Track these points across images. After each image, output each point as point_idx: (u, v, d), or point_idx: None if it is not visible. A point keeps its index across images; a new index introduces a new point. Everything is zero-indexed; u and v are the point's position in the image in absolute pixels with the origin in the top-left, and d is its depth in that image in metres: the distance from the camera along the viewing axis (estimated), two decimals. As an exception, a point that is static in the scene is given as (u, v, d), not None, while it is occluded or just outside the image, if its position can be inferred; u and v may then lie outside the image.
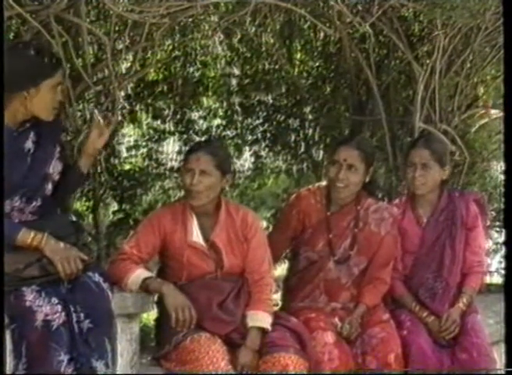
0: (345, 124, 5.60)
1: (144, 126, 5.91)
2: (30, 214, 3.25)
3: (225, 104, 6.01)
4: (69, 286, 3.10)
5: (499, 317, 4.25)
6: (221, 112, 6.04)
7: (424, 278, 4.08)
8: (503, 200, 4.51)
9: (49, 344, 2.97)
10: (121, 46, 4.03)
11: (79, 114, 4.12)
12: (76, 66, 3.68)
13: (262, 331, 3.56)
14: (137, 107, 5.63)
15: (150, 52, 4.48)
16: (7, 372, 2.98)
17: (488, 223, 4.66)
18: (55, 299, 3.03)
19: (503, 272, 5.22)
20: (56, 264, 3.07)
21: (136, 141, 5.92)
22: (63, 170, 3.36)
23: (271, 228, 4.63)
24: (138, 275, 3.45)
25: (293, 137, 5.96)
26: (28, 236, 3.10)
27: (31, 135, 3.27)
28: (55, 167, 3.33)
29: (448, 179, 4.25)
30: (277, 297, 4.07)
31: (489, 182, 5.91)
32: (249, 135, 6.03)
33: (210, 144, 3.97)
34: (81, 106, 4.37)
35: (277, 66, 5.69)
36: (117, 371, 3.19)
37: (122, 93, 4.60)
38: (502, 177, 5.64)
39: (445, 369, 3.88)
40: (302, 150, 5.95)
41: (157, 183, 5.85)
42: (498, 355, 4.04)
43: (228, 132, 6.03)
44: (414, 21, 4.86)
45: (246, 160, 6.21)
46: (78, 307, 3.06)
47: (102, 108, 4.03)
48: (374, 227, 3.98)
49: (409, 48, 4.80)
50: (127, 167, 5.66)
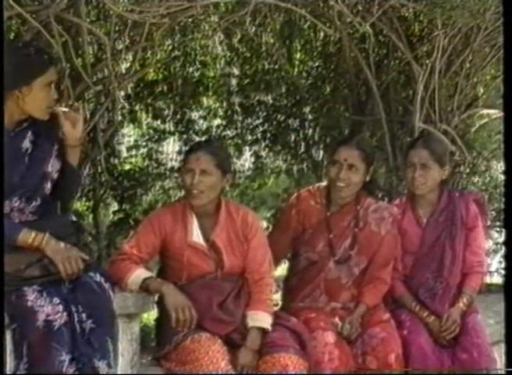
0: (345, 124, 5.60)
1: (144, 126, 5.90)
2: (30, 214, 3.24)
3: (225, 104, 6.00)
4: (71, 286, 3.09)
5: (499, 317, 4.24)
6: (221, 112, 6.03)
7: (424, 278, 4.08)
8: (503, 200, 4.50)
9: (50, 344, 2.96)
10: (121, 46, 4.03)
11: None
12: (76, 66, 3.68)
13: (262, 331, 3.56)
14: (137, 107, 5.62)
15: (150, 52, 4.48)
16: (8, 372, 2.98)
17: (488, 223, 4.65)
18: (57, 299, 3.02)
19: (503, 272, 5.22)
20: (57, 264, 3.07)
21: (136, 141, 5.92)
22: (61, 168, 3.33)
23: (271, 228, 4.62)
24: (138, 275, 3.45)
25: (293, 137, 5.96)
26: (29, 236, 3.09)
27: (29, 135, 3.25)
28: (54, 165, 3.31)
29: (448, 179, 4.25)
30: (277, 297, 4.06)
31: (489, 182, 5.92)
32: (249, 135, 6.03)
33: (210, 143, 3.98)
34: (81, 106, 4.36)
35: (277, 66, 5.69)
36: (117, 371, 3.19)
37: (122, 93, 4.60)
38: (502, 177, 5.65)
39: (445, 369, 3.88)
40: (302, 150, 5.94)
41: (157, 183, 5.84)
42: (498, 355, 4.04)
43: (228, 132, 6.02)
44: (414, 21, 4.87)
45: (246, 160, 6.20)
46: (80, 307, 3.06)
47: (102, 108, 4.05)
48: (374, 227, 3.98)
49: (409, 48, 4.81)
50: (127, 167, 5.65)
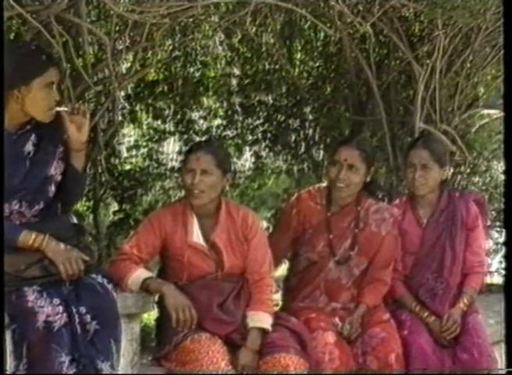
0: (345, 124, 5.60)
1: (144, 126, 5.89)
2: (33, 217, 3.22)
3: (225, 104, 5.99)
4: (71, 287, 3.09)
5: (499, 317, 4.24)
6: (221, 112, 6.02)
7: (424, 278, 4.08)
8: (504, 200, 4.50)
9: (50, 345, 2.96)
10: (121, 46, 4.02)
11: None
12: (77, 66, 3.67)
13: (263, 332, 3.56)
14: (137, 107, 5.61)
15: (150, 52, 4.47)
16: (7, 372, 2.98)
17: (488, 223, 4.66)
18: (57, 300, 3.01)
19: (504, 272, 5.22)
20: (58, 265, 3.06)
21: (136, 141, 5.90)
22: (65, 171, 3.32)
23: (271, 228, 4.62)
24: (138, 275, 3.45)
25: (294, 137, 5.95)
26: (29, 237, 3.09)
27: (32, 138, 3.23)
28: (57, 168, 3.29)
29: (448, 179, 4.25)
30: (277, 297, 4.06)
31: (490, 182, 5.93)
32: (249, 135, 6.02)
33: (210, 143, 4.01)
34: (86, 107, 4.36)
35: (277, 66, 5.68)
36: (118, 371, 3.18)
37: (122, 93, 4.60)
38: (502, 177, 5.64)
39: (446, 369, 3.89)
40: (302, 150, 5.94)
41: (157, 183, 5.83)
42: (498, 355, 4.04)
43: (228, 132, 6.01)
44: (415, 21, 4.86)
45: (246, 160, 6.20)
46: (83, 308, 3.05)
47: (102, 108, 4.04)
48: (374, 228, 3.97)
49: (409, 48, 4.80)
50: (127, 167, 5.64)
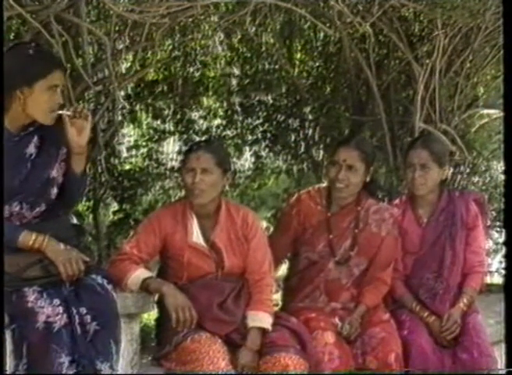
0: (345, 124, 5.60)
1: (144, 126, 5.89)
2: (34, 219, 3.21)
3: (225, 104, 5.99)
4: (71, 288, 3.09)
5: (499, 317, 4.24)
6: (221, 112, 6.02)
7: (424, 278, 4.08)
8: (503, 200, 4.51)
9: (50, 345, 2.96)
10: (121, 46, 4.03)
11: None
12: (76, 66, 3.67)
13: (262, 331, 3.56)
14: (137, 107, 5.61)
15: (150, 52, 4.48)
16: (7, 372, 2.98)
17: (488, 223, 4.66)
18: (57, 301, 3.02)
19: (504, 272, 5.22)
20: (58, 265, 3.06)
21: (136, 141, 5.90)
22: (65, 173, 3.29)
23: (271, 228, 4.62)
24: (138, 275, 3.45)
25: (293, 137, 5.95)
26: (29, 238, 3.09)
27: (34, 140, 3.21)
28: (59, 170, 3.27)
29: (448, 179, 4.25)
30: (277, 297, 4.06)
31: (489, 182, 5.92)
32: (249, 135, 6.02)
33: (209, 142, 4.00)
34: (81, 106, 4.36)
35: (277, 66, 5.68)
36: (118, 371, 3.18)
37: (122, 93, 4.60)
38: (502, 177, 5.64)
39: (446, 369, 3.88)
40: (302, 150, 5.93)
41: (157, 183, 5.83)
42: (498, 355, 4.04)
43: (228, 132, 6.01)
44: (415, 21, 4.87)
45: (246, 160, 6.19)
46: (83, 309, 3.04)
47: (102, 108, 4.04)
48: (374, 228, 3.97)
49: (409, 48, 4.80)
50: (127, 167, 5.64)
